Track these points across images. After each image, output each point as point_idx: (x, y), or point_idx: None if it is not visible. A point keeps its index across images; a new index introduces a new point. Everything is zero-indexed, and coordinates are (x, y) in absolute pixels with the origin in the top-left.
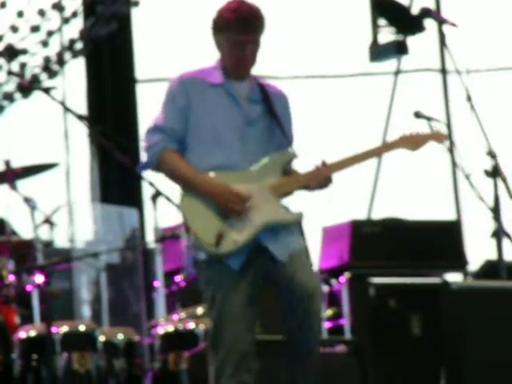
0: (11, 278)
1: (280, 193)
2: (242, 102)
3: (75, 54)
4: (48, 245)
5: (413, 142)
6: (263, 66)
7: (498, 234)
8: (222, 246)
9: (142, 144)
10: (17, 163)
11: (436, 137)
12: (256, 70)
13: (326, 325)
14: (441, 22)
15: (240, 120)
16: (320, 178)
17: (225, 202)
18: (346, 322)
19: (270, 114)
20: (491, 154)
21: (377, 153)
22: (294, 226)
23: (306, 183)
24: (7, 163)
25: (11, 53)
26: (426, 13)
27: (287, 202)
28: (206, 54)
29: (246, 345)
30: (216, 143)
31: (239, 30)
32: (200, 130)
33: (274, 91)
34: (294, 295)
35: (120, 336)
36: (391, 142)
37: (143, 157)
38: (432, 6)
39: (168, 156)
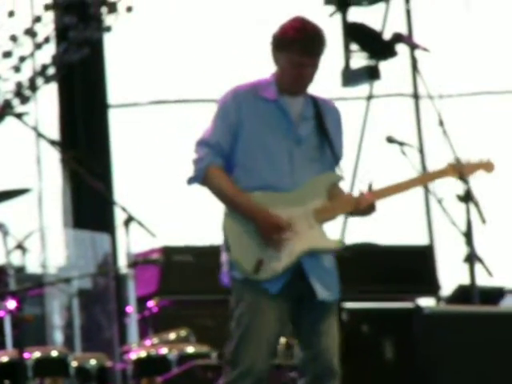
0: None
1: (324, 217)
2: (294, 119)
3: (47, 80)
4: (20, 270)
5: (461, 170)
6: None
7: (471, 258)
8: (260, 272)
9: (192, 156)
10: None
11: (485, 166)
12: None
13: None
14: (413, 46)
15: (291, 138)
16: (364, 205)
17: (263, 230)
18: None
19: (321, 130)
20: (463, 179)
21: (424, 181)
22: (333, 261)
23: (351, 209)
24: None
25: None
26: (398, 38)
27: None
28: (177, 79)
29: (263, 370)
30: (265, 161)
31: (301, 52)
32: (250, 147)
33: (328, 106)
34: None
35: (92, 361)
36: (439, 170)
37: (190, 170)
38: (404, 31)
39: (213, 172)
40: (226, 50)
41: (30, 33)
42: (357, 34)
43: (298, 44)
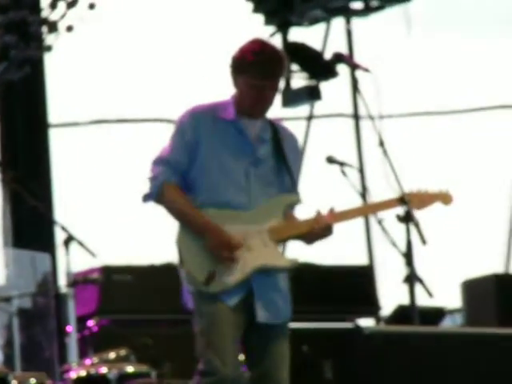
0: None
1: (278, 237)
2: (252, 140)
3: None
4: None
5: (419, 199)
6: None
7: (411, 279)
8: (211, 285)
9: (147, 174)
10: None
11: (443, 198)
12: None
13: None
14: (353, 67)
15: (247, 159)
16: (322, 225)
17: (214, 247)
18: None
19: (279, 154)
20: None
21: (382, 207)
22: (286, 281)
23: (307, 230)
24: None
25: None
26: (338, 58)
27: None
28: (117, 99)
29: (235, 377)
30: (222, 180)
31: (261, 75)
32: (207, 166)
33: (285, 132)
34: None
35: (32, 381)
36: (397, 198)
37: (145, 188)
38: (345, 51)
39: (168, 190)
40: (167, 70)
41: None
42: (297, 54)
43: (257, 67)
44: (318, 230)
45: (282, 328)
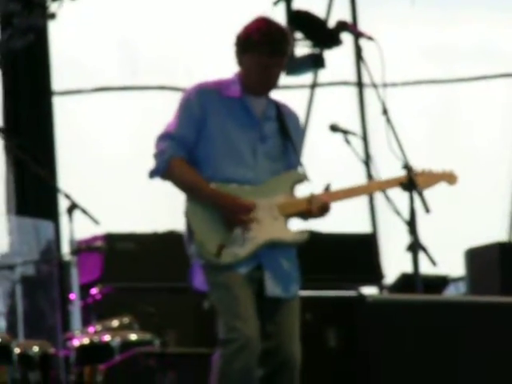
0: None
1: (287, 212)
2: (258, 117)
3: None
4: None
5: (423, 180)
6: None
7: (414, 247)
8: (222, 257)
9: (152, 150)
10: None
11: (448, 178)
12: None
13: None
14: (357, 35)
15: (254, 135)
16: (317, 205)
17: (231, 213)
18: None
19: (284, 132)
20: (407, 168)
21: (382, 187)
22: (295, 257)
23: (303, 209)
24: None
25: None
26: (342, 26)
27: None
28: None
29: (256, 341)
30: (229, 156)
31: (267, 53)
32: (214, 142)
33: (287, 111)
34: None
35: (35, 348)
36: (399, 178)
37: (152, 163)
38: (349, 19)
39: (176, 164)
40: (171, 37)
41: None
42: (301, 22)
43: (264, 45)
44: (313, 209)
45: (293, 301)
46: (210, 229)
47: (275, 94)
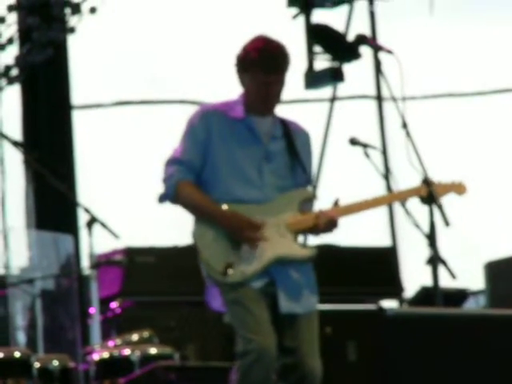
0: None
1: (294, 229)
2: (263, 137)
3: (11, 81)
4: None
5: (431, 192)
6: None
7: (434, 260)
8: (229, 275)
9: (160, 176)
10: None
11: (457, 188)
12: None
13: None
14: (376, 48)
15: (259, 155)
16: (324, 221)
17: (239, 231)
18: None
19: (291, 150)
20: (427, 182)
21: (391, 199)
22: (310, 271)
23: (311, 225)
24: None
25: None
26: (361, 40)
27: None
28: (141, 80)
29: (272, 352)
30: (235, 177)
31: (265, 71)
32: (219, 164)
33: (296, 128)
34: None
35: (55, 363)
36: (409, 190)
37: (160, 189)
38: (368, 32)
39: (184, 187)
40: (191, 51)
41: None
42: (320, 35)
43: (262, 63)
44: (320, 225)
45: (311, 315)
46: (217, 248)
47: (294, 108)
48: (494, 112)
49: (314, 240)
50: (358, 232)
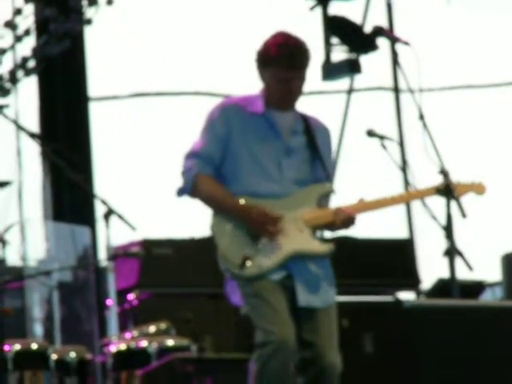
0: None
1: (312, 224)
2: (283, 132)
3: (28, 72)
4: (0, 263)
5: (451, 191)
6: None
7: (451, 252)
8: (246, 268)
9: (179, 169)
10: None
11: (476, 188)
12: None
13: None
14: (393, 40)
15: (279, 150)
16: (342, 217)
17: (258, 224)
18: None
19: (312, 146)
20: (444, 173)
21: (410, 198)
22: (328, 265)
23: (329, 221)
24: None
25: None
26: (378, 31)
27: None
28: (158, 72)
29: (292, 342)
30: (255, 172)
31: (286, 67)
32: (239, 158)
33: (317, 124)
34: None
35: (72, 354)
36: (428, 189)
37: (179, 182)
38: (385, 24)
39: (202, 181)
40: (207, 43)
41: (11, 25)
42: (337, 27)
43: (282, 59)
44: (337, 222)
45: (330, 308)
46: (235, 242)
47: (311, 100)
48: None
49: (330, 232)
50: (375, 224)
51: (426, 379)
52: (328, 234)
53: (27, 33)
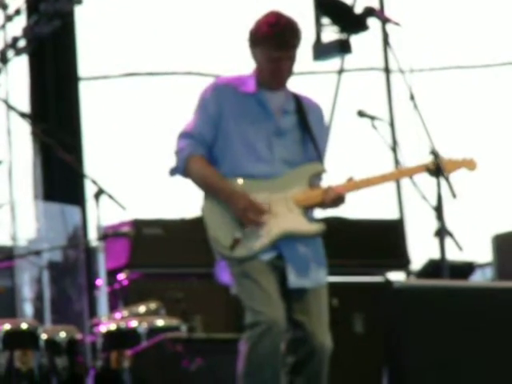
0: None
1: (302, 204)
2: (274, 112)
3: (18, 52)
4: None
5: (441, 167)
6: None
7: (441, 233)
8: (236, 250)
9: (173, 149)
10: None
11: (467, 164)
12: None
13: None
14: (384, 20)
15: (270, 130)
16: (332, 196)
17: (241, 211)
18: None
19: (303, 125)
20: (434, 153)
21: (401, 175)
22: (319, 245)
23: (319, 200)
24: None
25: None
26: (369, 12)
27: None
28: (149, 51)
29: (281, 323)
30: (245, 152)
31: (276, 47)
32: (230, 139)
33: (309, 103)
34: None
35: (62, 334)
36: (417, 166)
37: (172, 162)
38: (375, 4)
39: (194, 161)
40: (198, 22)
41: (1, 5)
42: (328, 7)
43: (272, 38)
44: (327, 201)
45: (320, 288)
46: (225, 223)
47: (302, 80)
48: (503, 84)
49: (321, 212)
50: (365, 204)
51: (414, 360)
52: (319, 212)
53: (18, 12)
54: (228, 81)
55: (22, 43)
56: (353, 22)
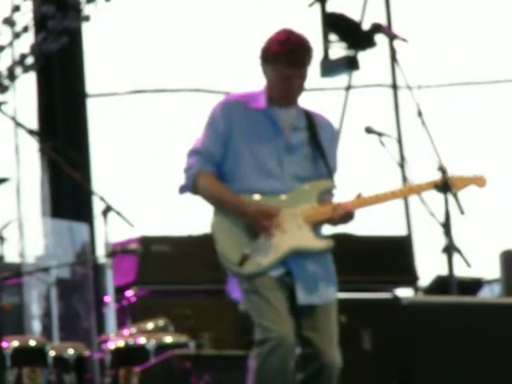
0: None
1: (311, 220)
2: (285, 128)
3: (26, 69)
4: None
5: (453, 182)
6: None
7: (449, 249)
8: (245, 266)
9: (182, 167)
10: None
11: (477, 181)
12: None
13: None
14: (392, 37)
15: (280, 146)
16: (340, 213)
17: (255, 219)
18: None
19: (314, 142)
20: (442, 169)
21: (408, 193)
22: (329, 262)
23: (328, 216)
24: None
25: None
26: (377, 28)
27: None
28: (156, 68)
29: (290, 339)
30: (255, 168)
31: (287, 64)
32: (239, 155)
33: (321, 120)
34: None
35: (70, 351)
36: (425, 183)
37: (181, 179)
38: (383, 21)
39: (203, 178)
40: (206, 39)
41: (9, 22)
42: (336, 24)
43: (283, 56)
44: (336, 217)
45: (329, 305)
46: (234, 239)
47: (309, 97)
48: (511, 101)
49: (329, 229)
50: (373, 221)
51: (423, 376)
52: (327, 231)
53: (25, 30)
54: (238, 97)
55: (29, 60)
56: (360, 39)
